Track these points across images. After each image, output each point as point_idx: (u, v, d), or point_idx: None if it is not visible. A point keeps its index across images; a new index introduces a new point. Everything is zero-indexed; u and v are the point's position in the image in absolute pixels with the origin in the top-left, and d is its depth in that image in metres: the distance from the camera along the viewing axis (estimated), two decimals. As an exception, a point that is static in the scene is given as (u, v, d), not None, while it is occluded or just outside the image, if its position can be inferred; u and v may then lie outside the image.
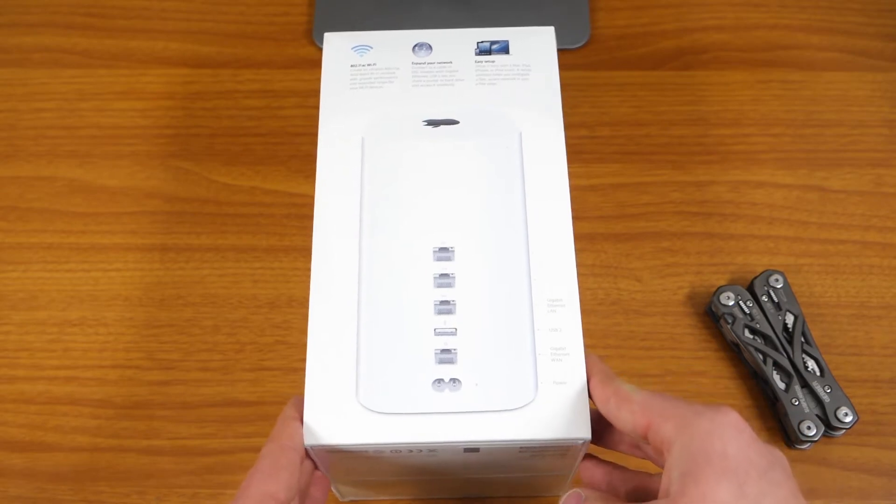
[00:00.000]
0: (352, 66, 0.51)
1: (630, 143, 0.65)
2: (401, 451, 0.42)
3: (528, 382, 0.42)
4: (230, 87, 0.68)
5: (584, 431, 0.41)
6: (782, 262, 0.61)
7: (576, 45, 0.68)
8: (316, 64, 0.69)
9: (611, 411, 0.40)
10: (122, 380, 0.58)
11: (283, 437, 0.40)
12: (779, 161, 0.64)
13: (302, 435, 0.41)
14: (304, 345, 0.43)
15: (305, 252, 0.61)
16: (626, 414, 0.39)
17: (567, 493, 0.40)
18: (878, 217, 0.62)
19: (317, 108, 0.67)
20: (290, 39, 0.70)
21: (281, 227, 0.62)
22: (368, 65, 0.51)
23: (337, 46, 0.52)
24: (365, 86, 0.50)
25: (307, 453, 0.42)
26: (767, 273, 0.58)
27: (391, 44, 0.51)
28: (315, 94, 0.68)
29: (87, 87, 0.68)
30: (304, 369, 0.43)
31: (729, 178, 0.64)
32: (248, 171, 0.64)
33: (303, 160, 0.65)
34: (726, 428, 0.34)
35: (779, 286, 0.57)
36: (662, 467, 0.37)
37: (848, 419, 0.54)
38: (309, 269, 0.61)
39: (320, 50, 0.69)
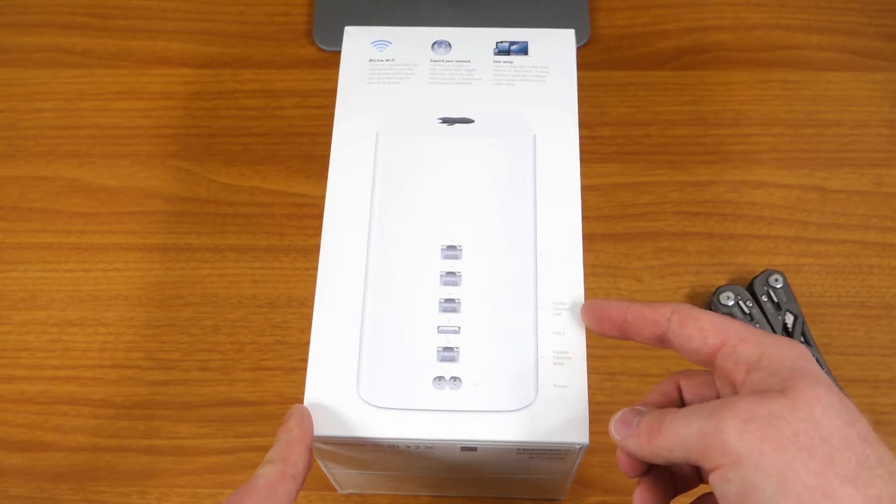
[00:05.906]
0: (370, 60, 0.51)
1: (630, 143, 0.65)
2: (398, 447, 0.42)
3: (529, 384, 0.42)
4: (230, 87, 0.68)
5: (583, 436, 0.41)
6: (782, 262, 0.61)
7: (576, 45, 0.68)
8: (316, 64, 0.69)
9: (672, 329, 0.37)
10: (122, 380, 0.58)
11: (287, 462, 0.39)
12: (779, 161, 0.64)
13: (305, 463, 0.40)
14: (305, 344, 0.43)
15: (305, 252, 0.62)
16: (694, 331, 0.37)
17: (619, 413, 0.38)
18: (878, 217, 0.62)
19: (317, 107, 0.68)
20: (290, 39, 0.70)
21: (281, 227, 0.62)
22: (387, 60, 0.51)
23: (357, 40, 0.52)
24: (382, 81, 0.50)
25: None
26: (767, 273, 0.58)
27: (411, 40, 0.51)
28: (315, 93, 0.68)
29: (87, 87, 0.68)
30: (304, 369, 0.43)
31: (729, 178, 0.64)
32: (248, 171, 0.64)
33: (303, 160, 0.65)
34: (807, 353, 0.35)
35: (779, 286, 0.57)
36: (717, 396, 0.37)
37: (848, 419, 0.54)
38: (309, 269, 0.62)
39: (320, 50, 0.70)
